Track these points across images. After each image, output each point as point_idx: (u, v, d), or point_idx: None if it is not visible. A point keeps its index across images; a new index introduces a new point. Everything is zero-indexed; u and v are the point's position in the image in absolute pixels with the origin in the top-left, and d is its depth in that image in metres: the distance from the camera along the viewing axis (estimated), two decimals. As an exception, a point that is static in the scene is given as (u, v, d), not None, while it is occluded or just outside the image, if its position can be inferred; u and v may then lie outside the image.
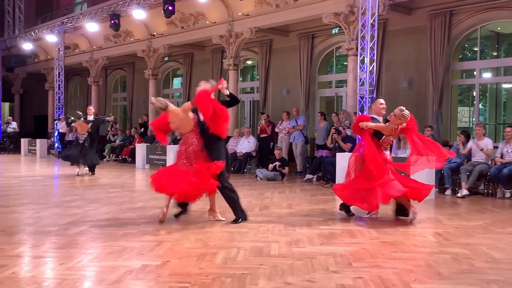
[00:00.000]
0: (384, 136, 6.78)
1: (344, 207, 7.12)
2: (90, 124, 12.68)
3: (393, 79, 13.82)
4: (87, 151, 12.57)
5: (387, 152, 6.94)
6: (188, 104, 6.45)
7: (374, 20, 11.12)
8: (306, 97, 15.67)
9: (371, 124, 6.75)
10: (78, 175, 12.52)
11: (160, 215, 6.36)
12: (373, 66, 11.27)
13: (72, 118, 12.89)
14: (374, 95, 11.38)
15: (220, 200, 6.58)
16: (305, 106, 15.55)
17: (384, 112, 7.04)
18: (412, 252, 5.03)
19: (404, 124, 6.79)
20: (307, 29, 15.44)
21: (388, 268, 4.36)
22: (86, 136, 12.58)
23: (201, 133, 6.42)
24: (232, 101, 6.64)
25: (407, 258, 4.75)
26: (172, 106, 6.47)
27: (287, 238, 5.57)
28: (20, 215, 6.90)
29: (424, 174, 8.95)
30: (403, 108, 6.73)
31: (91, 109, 13.48)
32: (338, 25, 12.97)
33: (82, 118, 12.69)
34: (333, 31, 14.35)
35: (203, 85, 6.44)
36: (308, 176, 11.91)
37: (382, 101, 7.12)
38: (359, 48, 11.59)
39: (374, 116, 7.01)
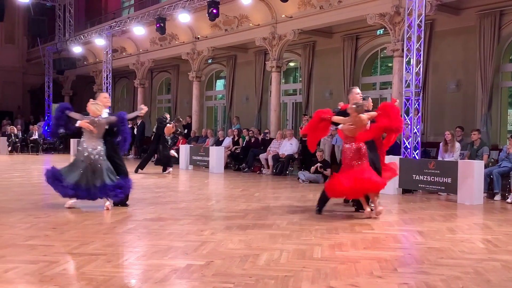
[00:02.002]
0: None
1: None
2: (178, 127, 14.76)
3: (440, 81, 13.50)
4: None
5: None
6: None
7: (420, 21, 10.88)
8: (350, 99, 15.48)
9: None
10: (169, 173, 13.53)
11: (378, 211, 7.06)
12: (420, 68, 11.04)
13: (168, 119, 13.80)
14: (421, 97, 11.16)
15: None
16: (349, 108, 15.36)
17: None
18: (460, 258, 4.90)
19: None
20: (351, 30, 15.29)
21: (435, 275, 4.27)
22: (171, 137, 13.89)
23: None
24: None
25: (454, 265, 4.63)
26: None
27: (330, 241, 5.53)
28: (69, 213, 7.14)
29: (472, 179, 8.71)
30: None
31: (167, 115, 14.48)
32: (383, 26, 12.79)
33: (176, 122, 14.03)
34: (378, 32, 14.16)
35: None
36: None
37: (358, 90, 7.82)
38: (405, 49, 11.36)
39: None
